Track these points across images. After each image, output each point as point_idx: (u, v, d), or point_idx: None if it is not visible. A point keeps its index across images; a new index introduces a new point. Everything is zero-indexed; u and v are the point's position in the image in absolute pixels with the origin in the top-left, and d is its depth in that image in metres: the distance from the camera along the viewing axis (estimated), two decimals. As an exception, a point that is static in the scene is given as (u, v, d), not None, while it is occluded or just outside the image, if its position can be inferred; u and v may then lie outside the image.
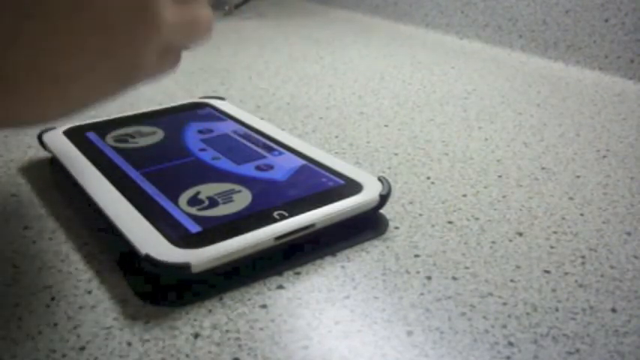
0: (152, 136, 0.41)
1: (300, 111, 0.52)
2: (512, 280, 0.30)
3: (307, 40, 0.79)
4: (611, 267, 0.31)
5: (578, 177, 0.41)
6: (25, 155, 0.42)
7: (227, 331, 0.26)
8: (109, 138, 0.40)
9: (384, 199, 0.33)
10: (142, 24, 0.20)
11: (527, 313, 0.27)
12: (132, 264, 0.29)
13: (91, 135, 0.40)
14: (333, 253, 0.31)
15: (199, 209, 0.31)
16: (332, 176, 0.35)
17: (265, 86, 0.59)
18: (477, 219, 0.35)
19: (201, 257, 0.27)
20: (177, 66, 0.26)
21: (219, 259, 0.27)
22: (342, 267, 0.30)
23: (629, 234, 0.34)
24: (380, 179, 0.34)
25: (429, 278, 0.30)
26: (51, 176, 0.39)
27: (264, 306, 0.27)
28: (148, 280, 0.28)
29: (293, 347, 0.25)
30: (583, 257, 0.32)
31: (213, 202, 0.32)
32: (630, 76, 0.62)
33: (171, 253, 0.27)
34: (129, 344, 0.25)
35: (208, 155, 0.38)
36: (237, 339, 0.25)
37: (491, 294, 0.29)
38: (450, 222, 0.35)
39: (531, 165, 0.43)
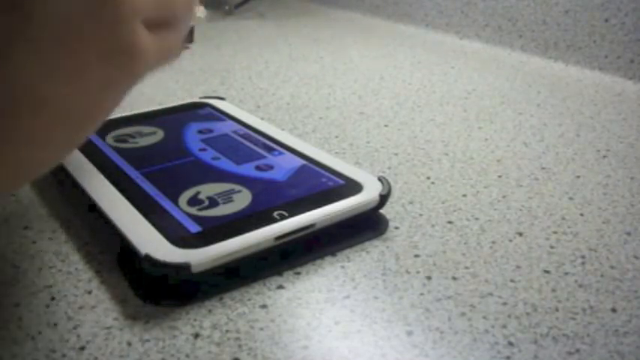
0: (152, 136, 0.41)
1: (300, 111, 0.52)
2: (512, 280, 0.30)
3: (307, 40, 0.79)
4: (611, 267, 0.31)
5: (578, 177, 0.41)
6: (25, 155, 0.42)
7: (227, 331, 0.26)
8: (109, 138, 0.40)
9: (384, 199, 0.33)
10: (126, 66, 0.21)
11: (527, 313, 0.27)
12: (132, 264, 0.29)
13: (91, 135, 0.40)
14: (333, 253, 0.31)
15: (199, 209, 0.31)
16: (332, 176, 0.35)
17: (265, 86, 0.59)
18: (477, 219, 0.35)
19: (201, 257, 0.27)
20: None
21: (219, 259, 0.27)
22: (342, 267, 0.30)
23: (629, 234, 0.34)
24: (380, 179, 0.34)
25: (429, 278, 0.30)
26: (51, 176, 0.39)
27: (264, 306, 0.27)
28: (148, 280, 0.28)
29: (293, 347, 0.25)
30: (583, 257, 0.32)
31: (213, 202, 0.32)
32: (630, 76, 0.62)
33: (171, 253, 0.27)
34: (129, 344, 0.25)
35: (208, 155, 0.38)
36: (237, 339, 0.25)
37: (491, 294, 0.29)
38: (450, 222, 0.35)
39: (531, 165, 0.43)
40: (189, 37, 0.72)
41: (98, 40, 0.19)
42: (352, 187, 0.33)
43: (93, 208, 0.32)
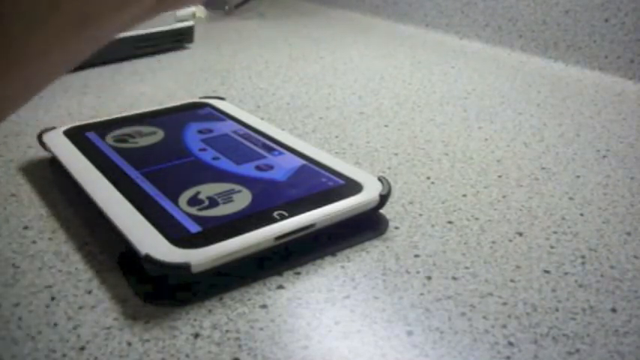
0: (152, 136, 0.41)
1: (300, 111, 0.52)
2: (512, 280, 0.30)
3: (307, 40, 0.79)
4: (611, 267, 0.31)
5: (578, 177, 0.41)
6: (25, 155, 0.42)
7: (227, 331, 0.26)
8: (109, 138, 0.40)
9: (384, 199, 0.33)
10: None
11: (527, 313, 0.27)
12: (132, 264, 0.29)
13: (91, 135, 0.40)
14: (333, 253, 0.31)
15: (199, 209, 0.31)
16: (332, 176, 0.35)
17: (265, 86, 0.59)
18: (477, 219, 0.35)
19: (201, 257, 0.27)
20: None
21: (219, 259, 0.27)
22: (342, 267, 0.30)
23: (629, 234, 0.34)
24: (380, 179, 0.34)
25: (429, 278, 0.30)
26: (51, 176, 0.39)
27: (264, 306, 0.27)
28: (148, 280, 0.28)
29: (293, 347, 0.25)
30: (583, 257, 0.32)
31: (213, 202, 0.32)
32: (630, 76, 0.62)
33: (171, 253, 0.27)
34: (129, 344, 0.25)
35: (208, 155, 0.38)
36: (237, 339, 0.25)
37: (491, 294, 0.29)
38: (450, 222, 0.35)
39: (531, 165, 0.43)
40: (189, 37, 0.72)
41: None
42: (352, 187, 0.33)
43: (88, 201, 0.32)
